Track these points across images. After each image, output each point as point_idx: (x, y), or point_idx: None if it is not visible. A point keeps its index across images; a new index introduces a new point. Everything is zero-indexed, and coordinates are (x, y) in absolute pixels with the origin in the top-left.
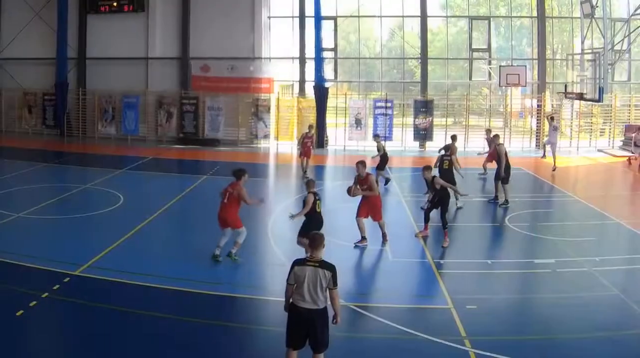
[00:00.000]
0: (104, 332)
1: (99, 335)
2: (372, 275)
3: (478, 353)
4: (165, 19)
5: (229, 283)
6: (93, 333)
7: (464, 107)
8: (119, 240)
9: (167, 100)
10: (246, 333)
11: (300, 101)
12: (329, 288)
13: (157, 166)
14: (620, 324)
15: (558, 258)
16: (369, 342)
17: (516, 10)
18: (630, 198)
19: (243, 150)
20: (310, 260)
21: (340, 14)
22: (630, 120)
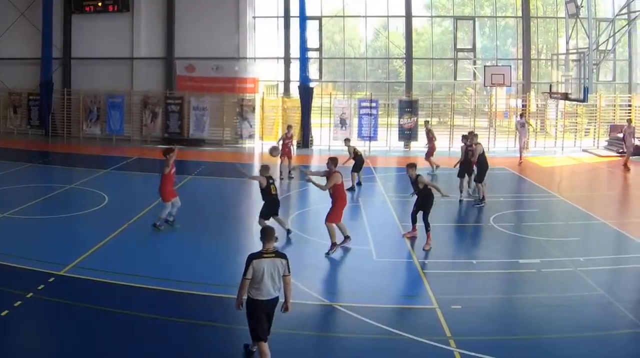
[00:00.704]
0: (88, 332)
1: (83, 335)
2: (357, 275)
3: (463, 353)
4: (150, 19)
5: (214, 283)
6: (78, 333)
7: (448, 107)
8: (103, 240)
9: (152, 100)
10: (231, 333)
11: (285, 101)
12: (284, 275)
13: (142, 166)
14: (606, 324)
15: (543, 258)
16: (354, 341)
17: (501, 10)
18: (615, 198)
19: (228, 150)
20: (267, 253)
21: (325, 14)
22: (615, 120)
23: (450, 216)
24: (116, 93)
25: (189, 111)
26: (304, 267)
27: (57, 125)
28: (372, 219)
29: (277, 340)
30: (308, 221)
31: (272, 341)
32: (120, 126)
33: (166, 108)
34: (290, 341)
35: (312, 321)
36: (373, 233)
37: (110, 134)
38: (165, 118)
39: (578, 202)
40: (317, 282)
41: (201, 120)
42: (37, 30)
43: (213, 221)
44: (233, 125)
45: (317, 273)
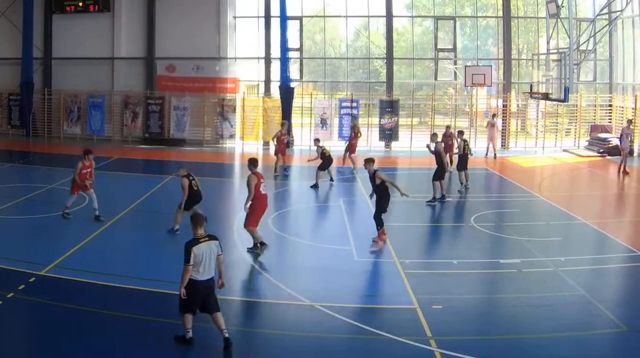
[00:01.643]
0: (69, 331)
1: (64, 335)
2: (338, 275)
3: (443, 353)
4: (130, 19)
5: None
6: (58, 333)
7: (429, 107)
8: (84, 240)
9: (133, 100)
10: (213, 333)
11: (265, 101)
12: (218, 255)
13: (123, 166)
14: (586, 324)
15: (524, 258)
16: (334, 342)
17: (482, 10)
18: (596, 198)
19: (209, 150)
20: (202, 238)
21: (306, 14)
22: (596, 120)
23: (431, 216)
24: (97, 93)
25: (169, 111)
26: (285, 267)
27: (38, 125)
28: (353, 219)
29: (258, 341)
30: (288, 221)
31: (251, 342)
32: (101, 126)
33: (147, 108)
34: (270, 341)
35: (292, 321)
36: (354, 234)
37: (91, 134)
38: (146, 118)
39: (559, 202)
40: (298, 282)
41: (182, 120)
42: (18, 30)
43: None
44: (214, 125)
45: (298, 274)
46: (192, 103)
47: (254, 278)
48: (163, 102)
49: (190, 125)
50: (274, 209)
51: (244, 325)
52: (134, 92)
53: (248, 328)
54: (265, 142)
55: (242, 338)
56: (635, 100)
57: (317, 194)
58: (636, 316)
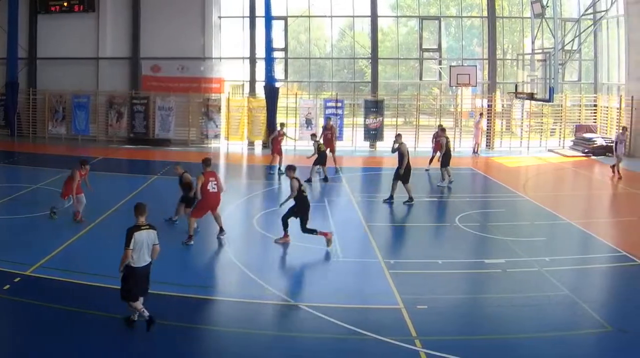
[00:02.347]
0: (55, 331)
1: (49, 335)
2: (322, 274)
3: (428, 353)
4: (115, 19)
5: (178, 283)
6: (43, 333)
7: (414, 107)
8: (69, 240)
9: (118, 100)
10: (195, 333)
11: (250, 101)
12: (154, 244)
13: (108, 166)
14: (571, 324)
15: (508, 258)
16: (319, 341)
17: (466, 10)
18: (581, 198)
19: (194, 150)
20: (143, 226)
21: (291, 14)
22: (581, 120)
23: (416, 216)
24: (82, 93)
25: (154, 111)
26: (269, 266)
27: (23, 125)
28: (338, 219)
29: (242, 340)
30: (273, 221)
31: (235, 341)
32: (86, 126)
33: (132, 108)
34: (255, 341)
35: (277, 321)
36: (338, 233)
37: (75, 134)
38: (131, 118)
39: (544, 202)
40: (282, 282)
41: (167, 120)
42: (3, 30)
43: (179, 221)
44: (199, 125)
45: (282, 273)
46: (177, 103)
47: (239, 278)
48: (148, 102)
49: (175, 125)
50: (259, 209)
51: (229, 325)
52: (119, 92)
53: (232, 328)
54: (250, 142)
55: (226, 338)
56: (620, 100)
57: None
58: (620, 316)
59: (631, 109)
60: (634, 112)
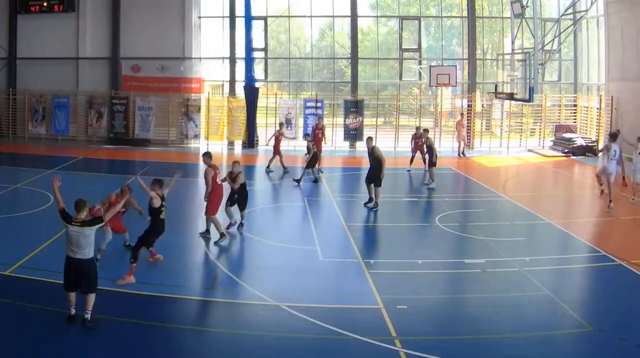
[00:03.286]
0: (33, 332)
1: (28, 336)
2: (302, 274)
3: (408, 353)
4: (95, 19)
5: (156, 283)
6: (22, 333)
7: (394, 107)
8: (49, 241)
9: (98, 100)
10: (174, 333)
11: (230, 101)
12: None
13: (88, 166)
14: (551, 324)
15: (488, 258)
16: (299, 342)
17: (446, 10)
18: (560, 198)
19: (173, 150)
20: (75, 221)
21: (271, 14)
22: (561, 120)
23: (396, 216)
24: (62, 93)
25: (134, 111)
26: (250, 267)
27: (3, 125)
28: (318, 219)
29: (222, 341)
30: (253, 221)
31: (216, 342)
32: (66, 126)
33: (111, 108)
34: (235, 341)
35: (257, 321)
36: (319, 234)
37: (55, 134)
38: (111, 118)
39: (523, 202)
40: (263, 282)
41: (146, 120)
42: None
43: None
44: (178, 125)
45: (263, 274)
46: (156, 103)
47: (219, 278)
48: (128, 102)
49: (155, 125)
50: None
51: (210, 325)
52: (99, 92)
53: (213, 328)
54: (229, 142)
55: (206, 338)
56: (599, 100)
57: (282, 194)
58: (601, 315)
59: (611, 109)
60: (614, 112)
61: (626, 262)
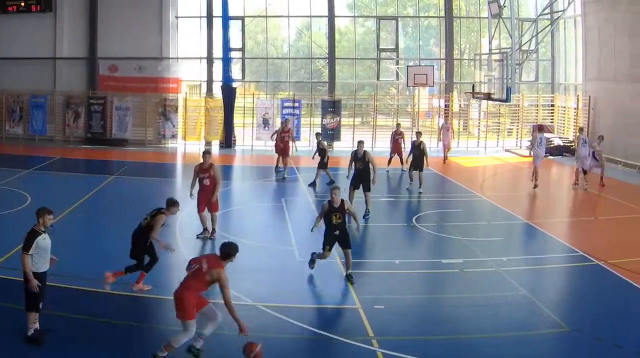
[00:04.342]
0: (11, 332)
1: (6, 335)
2: (280, 275)
3: (386, 353)
4: (73, 19)
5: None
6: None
7: (371, 107)
8: None
9: (75, 100)
10: (152, 333)
11: (208, 101)
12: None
13: (65, 166)
14: (528, 324)
15: (466, 258)
16: (277, 342)
17: (424, 10)
18: (538, 198)
19: (151, 150)
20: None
21: (248, 14)
22: (538, 120)
23: (373, 216)
24: (39, 93)
25: (111, 111)
26: (227, 267)
27: None
28: (295, 219)
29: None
30: (231, 221)
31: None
32: (43, 126)
33: (89, 108)
34: (212, 341)
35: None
36: (296, 234)
37: (33, 134)
38: (88, 118)
39: (501, 202)
40: (240, 282)
41: (124, 120)
42: None
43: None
44: (156, 125)
45: (240, 274)
46: (134, 103)
47: None
48: (105, 102)
49: (133, 125)
50: None
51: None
52: (76, 92)
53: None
54: (207, 142)
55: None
56: (577, 100)
57: (259, 194)
58: (578, 315)
59: (588, 109)
60: (591, 112)
61: (604, 262)
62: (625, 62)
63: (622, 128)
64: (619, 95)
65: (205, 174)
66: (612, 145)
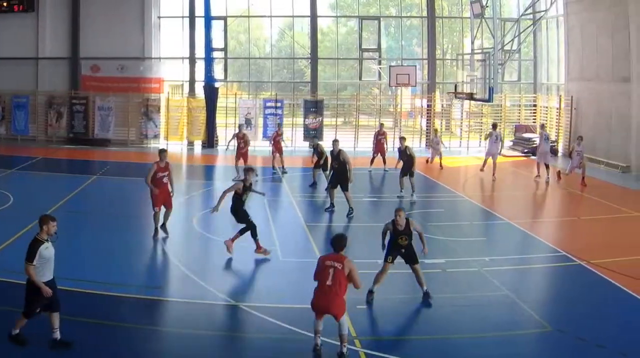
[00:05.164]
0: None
1: None
2: (262, 275)
3: (368, 353)
4: (55, 19)
5: (118, 283)
6: None
7: (354, 107)
8: (9, 240)
9: (57, 100)
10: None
11: (190, 101)
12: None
13: (48, 166)
14: (510, 324)
15: (448, 258)
16: (259, 342)
17: (406, 10)
18: (520, 198)
19: (133, 150)
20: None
21: (230, 14)
22: (520, 120)
23: (355, 216)
24: (21, 93)
25: (94, 111)
26: (210, 266)
27: None
28: (278, 219)
29: (182, 340)
30: (212, 221)
31: (175, 341)
32: (26, 126)
33: (71, 108)
34: (195, 341)
35: (217, 321)
36: (279, 234)
37: (15, 134)
38: (70, 118)
39: (483, 202)
40: (222, 282)
41: (106, 120)
42: None
43: (119, 220)
44: (138, 125)
45: (223, 274)
46: (116, 103)
47: (178, 278)
48: (87, 102)
49: (115, 125)
50: (198, 209)
51: (168, 325)
52: (59, 92)
53: (172, 328)
54: (189, 142)
55: (166, 338)
56: (559, 100)
57: None
58: (560, 316)
59: (570, 109)
60: (574, 112)
61: (586, 262)
62: (607, 62)
63: (605, 128)
64: (601, 95)
65: (164, 173)
66: (594, 145)
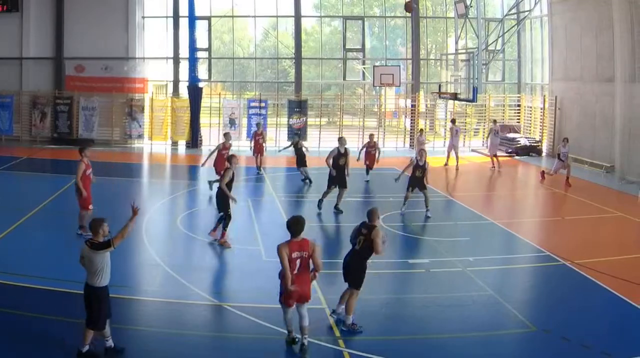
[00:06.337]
0: None
1: None
2: (246, 275)
3: (352, 353)
4: (39, 19)
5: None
6: None
7: (338, 107)
8: None
9: (41, 100)
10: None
11: (174, 101)
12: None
13: (31, 166)
14: (494, 324)
15: (432, 258)
16: (243, 341)
17: (390, 10)
18: (504, 198)
19: (117, 150)
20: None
21: (214, 14)
22: (505, 120)
23: (340, 216)
24: (5, 93)
25: (78, 111)
26: (193, 266)
27: None
28: (261, 219)
29: (165, 340)
30: (197, 221)
31: (159, 341)
32: (9, 126)
33: (55, 108)
34: (178, 341)
35: (200, 321)
36: (262, 234)
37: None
38: (55, 118)
39: (467, 202)
40: (206, 282)
41: (90, 120)
42: None
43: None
44: (122, 125)
45: (206, 273)
46: (100, 103)
47: (162, 278)
48: (72, 102)
49: (99, 125)
50: (182, 209)
51: (151, 325)
52: (43, 92)
53: (156, 328)
54: (173, 142)
55: (149, 338)
56: (543, 100)
57: None
58: (545, 316)
59: (555, 109)
60: (558, 112)
61: (570, 262)
62: (591, 62)
63: (589, 128)
64: (586, 95)
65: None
66: (578, 146)
